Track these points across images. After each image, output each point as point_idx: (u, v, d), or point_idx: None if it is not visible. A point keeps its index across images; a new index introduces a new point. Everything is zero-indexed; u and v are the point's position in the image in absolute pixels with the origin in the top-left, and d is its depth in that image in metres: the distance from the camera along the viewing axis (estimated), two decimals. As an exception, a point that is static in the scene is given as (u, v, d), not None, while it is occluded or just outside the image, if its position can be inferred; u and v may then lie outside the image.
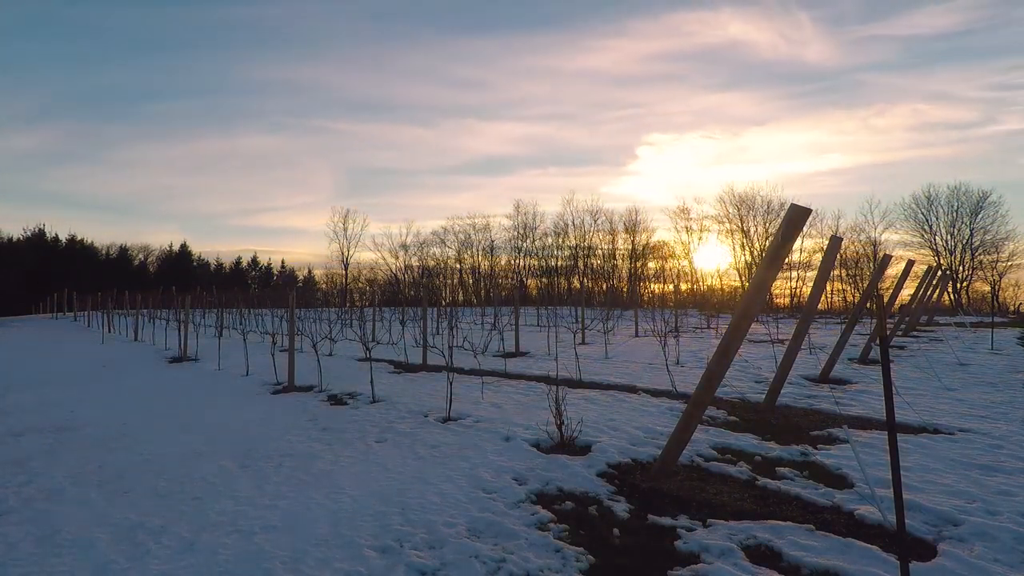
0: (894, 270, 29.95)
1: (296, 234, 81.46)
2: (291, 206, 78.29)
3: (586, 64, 57.41)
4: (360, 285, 54.43)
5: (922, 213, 42.18)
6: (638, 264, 49.19)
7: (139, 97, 72.15)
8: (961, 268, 41.36)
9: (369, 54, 61.31)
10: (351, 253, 57.58)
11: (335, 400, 7.51)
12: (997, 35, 50.39)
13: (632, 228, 48.95)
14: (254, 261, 75.03)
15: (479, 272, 53.89)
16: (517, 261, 52.91)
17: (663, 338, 9.42)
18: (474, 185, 69.23)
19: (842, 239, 7.14)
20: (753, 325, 6.39)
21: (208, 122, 71.11)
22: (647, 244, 48.91)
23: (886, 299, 12.38)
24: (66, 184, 78.51)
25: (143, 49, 67.54)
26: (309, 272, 71.90)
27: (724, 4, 51.23)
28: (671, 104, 61.23)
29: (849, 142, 58.13)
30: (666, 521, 3.54)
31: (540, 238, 52.16)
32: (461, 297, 52.21)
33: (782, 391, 6.85)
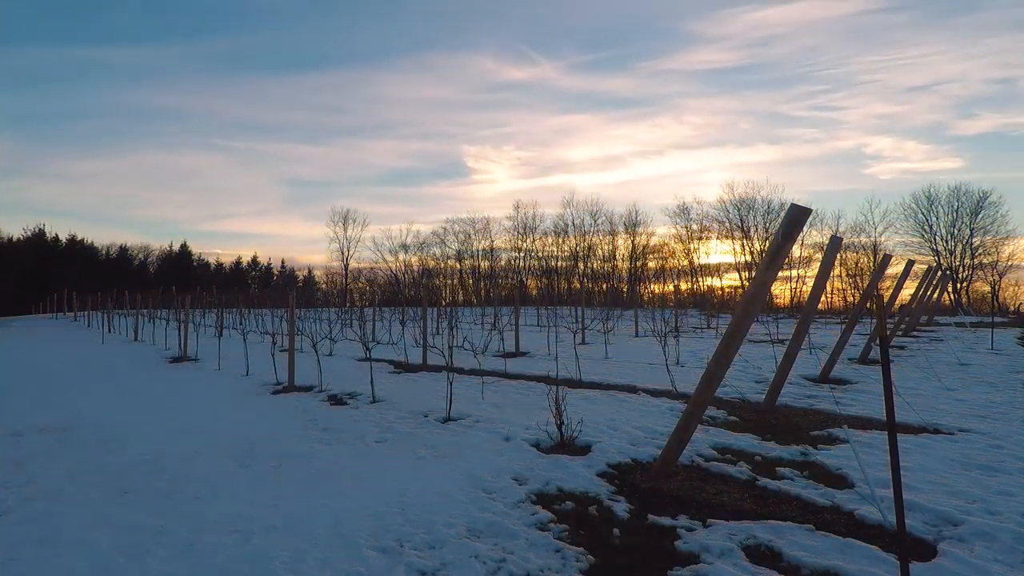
0: (894, 270, 29.95)
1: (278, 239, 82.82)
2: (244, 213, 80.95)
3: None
4: (360, 285, 54.47)
5: (922, 213, 42.21)
6: (638, 264, 49.22)
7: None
8: (961, 268, 41.36)
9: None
10: (350, 253, 57.63)
11: (335, 400, 7.51)
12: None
13: (632, 228, 49.00)
14: (254, 261, 75.09)
15: (479, 272, 53.91)
16: (517, 261, 52.95)
17: (663, 338, 9.42)
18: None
19: (842, 239, 7.14)
20: (753, 325, 6.38)
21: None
22: (647, 244, 48.98)
23: (886, 299, 12.37)
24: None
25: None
26: (309, 272, 71.99)
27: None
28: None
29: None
30: (666, 521, 3.54)
31: (540, 238, 52.26)
32: (461, 297, 52.23)
33: (782, 391, 6.85)
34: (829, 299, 42.38)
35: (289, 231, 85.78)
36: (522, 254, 52.57)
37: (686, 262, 47.76)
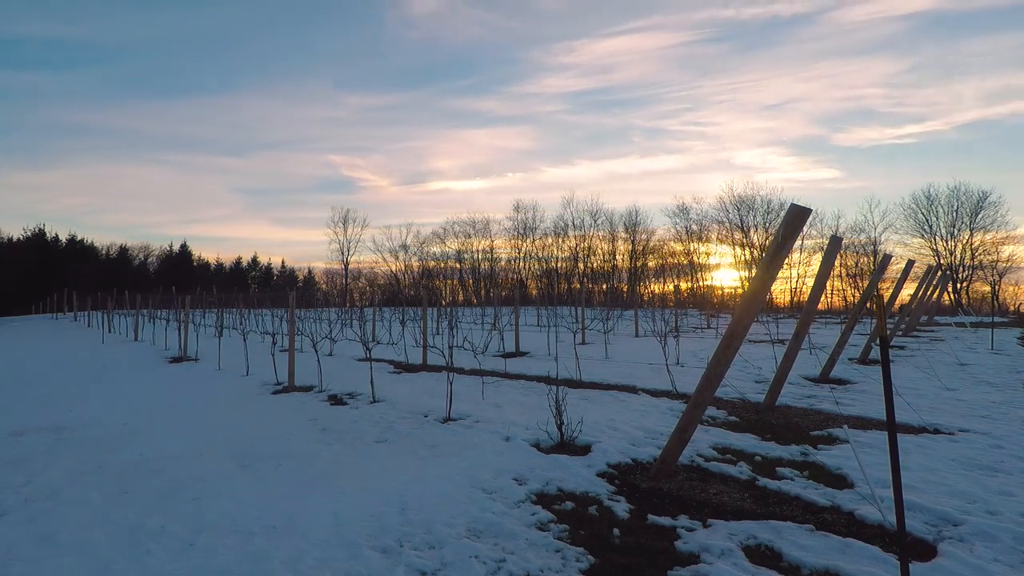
0: (894, 270, 29.95)
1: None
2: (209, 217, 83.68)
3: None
4: (360, 285, 54.48)
5: (922, 213, 42.24)
6: (638, 264, 49.22)
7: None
8: (961, 268, 41.37)
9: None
10: (350, 253, 57.64)
11: (335, 400, 7.50)
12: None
13: (632, 228, 49.01)
14: (254, 261, 75.10)
15: (479, 272, 53.93)
16: (517, 261, 52.97)
17: (663, 338, 9.42)
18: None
19: (842, 239, 7.14)
20: (753, 325, 6.39)
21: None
22: (647, 244, 48.99)
23: (886, 299, 12.36)
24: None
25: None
26: (309, 272, 72.02)
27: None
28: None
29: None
30: (666, 521, 3.54)
31: (540, 238, 52.29)
32: (461, 297, 52.26)
33: (782, 391, 6.85)
34: (829, 299, 42.41)
35: (255, 234, 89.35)
36: (522, 254, 52.62)
37: (686, 262, 47.78)
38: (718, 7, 55.01)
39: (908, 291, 18.60)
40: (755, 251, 44.61)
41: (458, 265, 54.30)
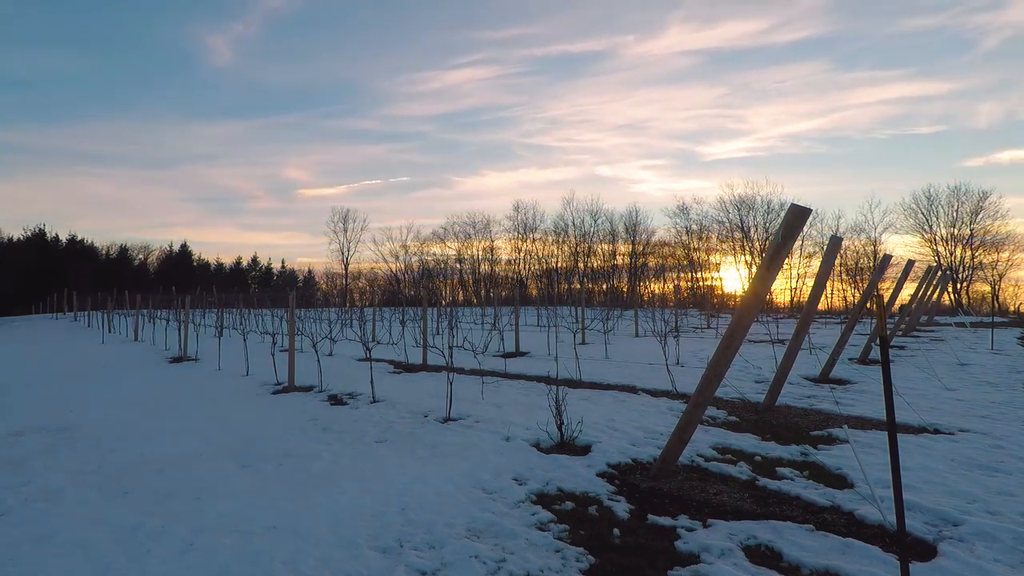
0: (894, 270, 29.96)
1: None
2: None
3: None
4: (360, 285, 54.49)
5: (922, 213, 42.26)
6: (638, 264, 49.23)
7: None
8: (961, 268, 41.38)
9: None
10: (350, 253, 57.65)
11: (335, 400, 7.50)
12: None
13: (632, 228, 49.02)
14: (254, 261, 75.10)
15: (479, 272, 53.95)
16: (517, 261, 52.98)
17: (663, 338, 9.42)
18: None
19: (842, 239, 7.14)
20: (753, 325, 6.39)
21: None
22: (647, 244, 48.99)
23: (886, 299, 12.36)
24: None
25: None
26: (309, 272, 72.04)
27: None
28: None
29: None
30: (666, 521, 3.54)
31: (540, 238, 52.31)
32: (461, 297, 52.27)
33: (782, 391, 6.85)
34: (829, 299, 42.42)
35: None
36: (522, 254, 52.63)
37: (686, 262, 47.78)
38: (532, 47, 64.49)
39: (908, 291, 18.61)
40: (755, 251, 44.61)
41: (458, 265, 54.36)
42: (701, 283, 45.43)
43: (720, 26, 59.93)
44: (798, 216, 3.77)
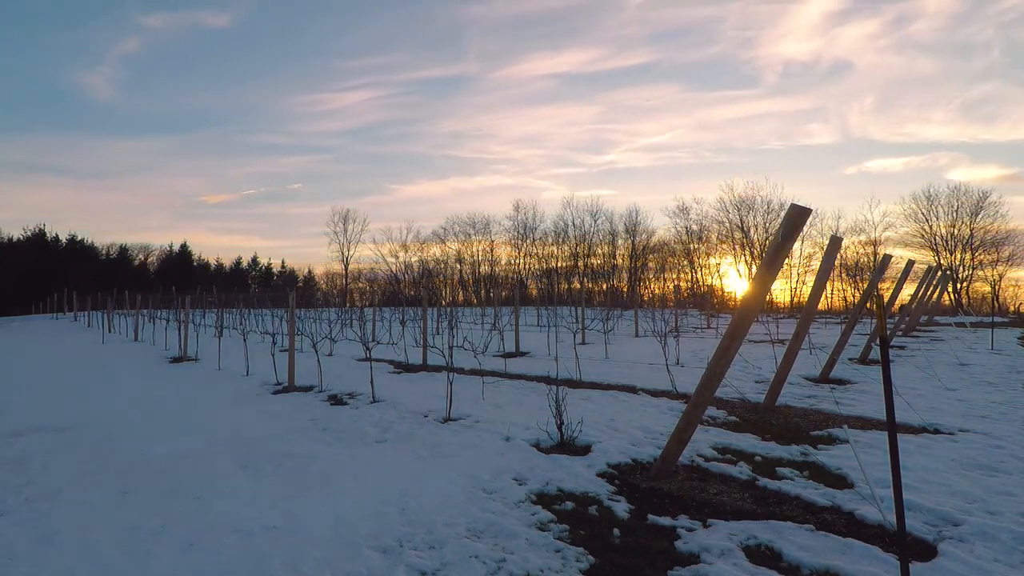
0: (894, 270, 29.95)
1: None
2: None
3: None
4: (360, 285, 54.49)
5: (922, 213, 42.26)
6: (638, 264, 49.22)
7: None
8: (961, 268, 41.38)
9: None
10: (350, 253, 57.64)
11: (335, 400, 7.51)
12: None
13: (632, 228, 49.02)
14: (254, 261, 75.12)
15: (479, 272, 53.96)
16: (517, 261, 52.99)
17: (663, 338, 9.42)
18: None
19: (842, 239, 7.14)
20: (753, 325, 6.40)
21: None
22: (647, 244, 48.98)
23: (886, 299, 12.38)
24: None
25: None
26: (309, 272, 72.07)
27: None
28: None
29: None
30: (666, 521, 3.54)
31: (540, 238, 52.31)
32: (461, 297, 52.28)
33: (782, 391, 6.85)
34: (829, 299, 42.42)
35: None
36: (522, 254, 52.63)
37: (686, 262, 47.78)
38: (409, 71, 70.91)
39: (908, 291, 18.61)
40: (755, 251, 44.60)
41: (458, 265, 54.36)
42: (701, 283, 45.47)
43: (565, 54, 67.71)
44: (798, 216, 3.77)
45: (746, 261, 45.28)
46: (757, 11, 61.07)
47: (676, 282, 44.56)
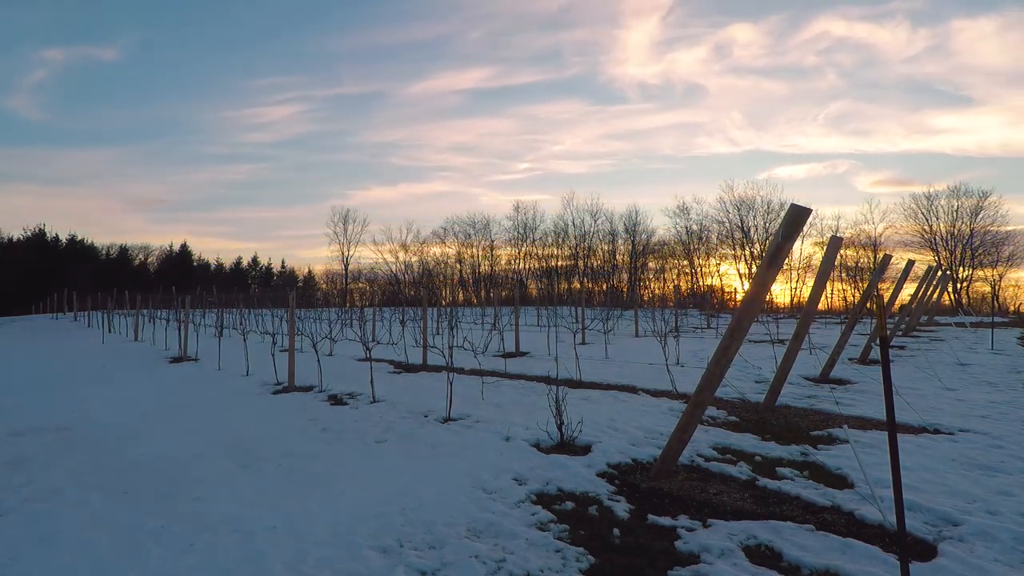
0: (894, 270, 29.95)
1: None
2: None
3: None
4: (360, 285, 54.49)
5: (922, 213, 42.25)
6: (638, 264, 49.20)
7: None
8: (961, 268, 41.37)
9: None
10: (350, 253, 57.62)
11: (335, 400, 7.51)
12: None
13: (632, 228, 49.00)
14: (254, 261, 75.12)
15: (479, 272, 53.94)
16: (517, 261, 52.98)
17: (663, 338, 9.42)
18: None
19: (842, 239, 7.14)
20: (753, 325, 6.39)
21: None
22: (647, 244, 48.96)
23: (886, 299, 12.38)
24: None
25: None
26: (309, 272, 72.10)
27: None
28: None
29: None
30: (666, 521, 3.54)
31: (540, 238, 52.30)
32: (461, 297, 52.25)
33: (782, 391, 6.85)
34: (829, 299, 42.42)
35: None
36: (522, 254, 52.62)
37: (686, 262, 47.77)
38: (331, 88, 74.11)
39: (908, 291, 18.61)
40: (755, 251, 44.60)
41: (458, 265, 54.35)
42: (701, 283, 45.47)
43: (467, 72, 71.75)
44: (798, 216, 3.77)
45: (746, 261, 45.29)
46: (585, 38, 68.07)
47: (676, 282, 44.59)
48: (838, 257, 16.12)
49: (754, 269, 41.78)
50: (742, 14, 65.15)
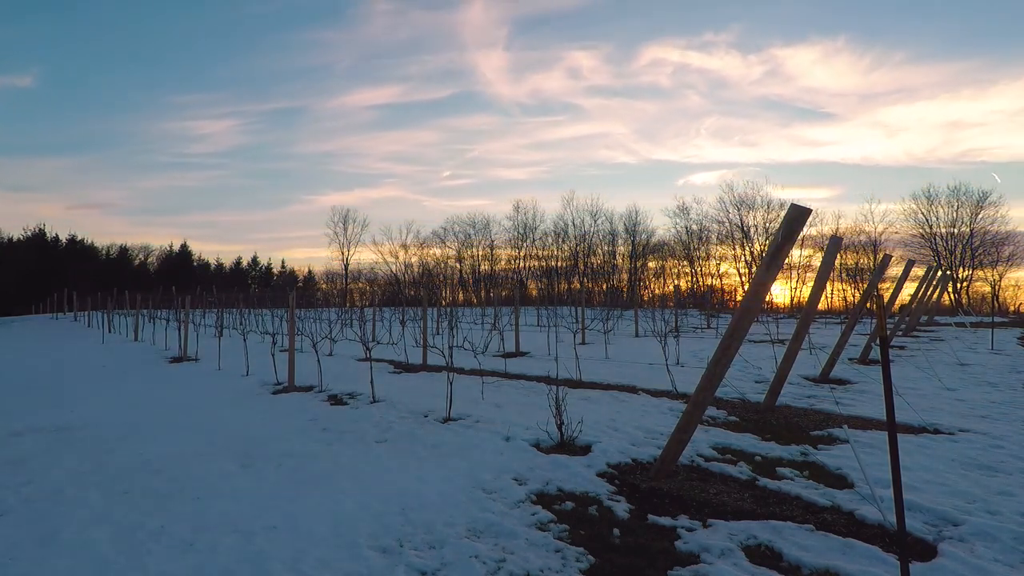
0: (894, 270, 29.95)
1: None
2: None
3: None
4: (360, 285, 54.49)
5: (922, 213, 42.24)
6: (638, 263, 49.19)
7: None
8: (961, 268, 41.37)
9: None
10: (350, 253, 57.61)
11: (335, 400, 7.51)
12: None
13: (632, 228, 48.99)
14: (254, 261, 75.11)
15: (479, 272, 53.93)
16: (517, 261, 52.96)
17: (663, 338, 9.42)
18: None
19: (842, 239, 7.15)
20: (753, 325, 6.39)
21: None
22: (647, 244, 48.94)
23: (886, 299, 12.38)
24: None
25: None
26: (309, 272, 72.10)
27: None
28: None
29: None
30: (666, 521, 3.54)
31: (540, 238, 52.28)
32: (461, 297, 52.23)
33: (782, 391, 6.85)
34: (829, 299, 42.41)
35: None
36: (522, 254, 52.61)
37: (686, 262, 47.76)
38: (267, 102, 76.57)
39: (908, 291, 18.60)
40: (755, 251, 44.59)
41: (458, 265, 54.34)
42: (701, 283, 45.46)
43: (379, 88, 73.99)
44: (798, 216, 3.77)
45: (746, 261, 45.29)
46: (451, 61, 70.80)
47: (676, 282, 44.57)
48: (838, 257, 16.10)
49: (754, 269, 41.78)
50: (572, 43, 68.70)
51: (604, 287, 47.25)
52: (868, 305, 11.10)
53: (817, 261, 38.81)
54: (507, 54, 69.62)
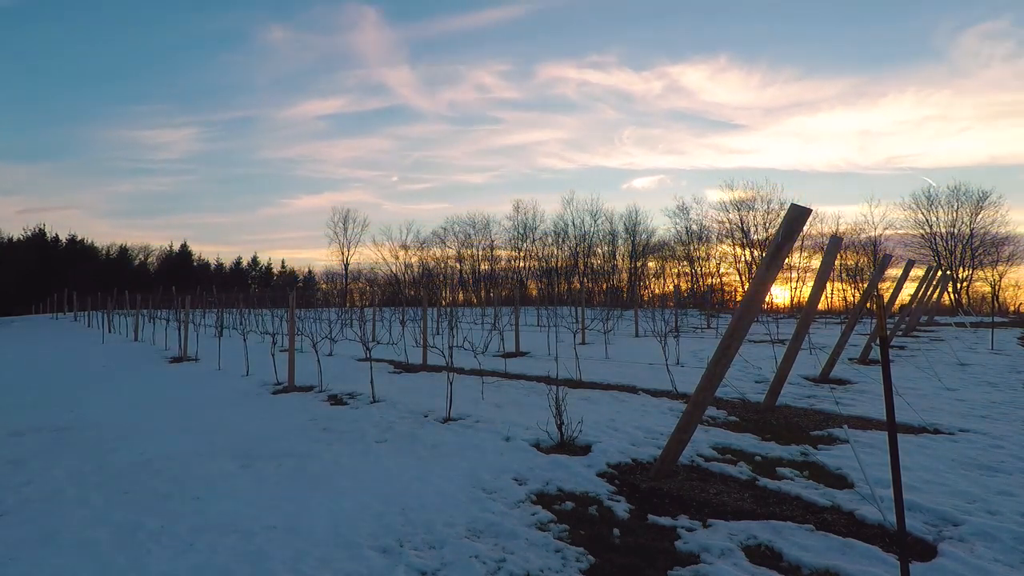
0: (894, 270, 29.95)
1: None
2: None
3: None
4: (360, 285, 54.49)
5: (922, 213, 42.25)
6: (638, 264, 49.19)
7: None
8: (961, 268, 41.37)
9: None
10: (350, 253, 57.62)
11: (335, 400, 7.51)
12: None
13: (632, 228, 48.99)
14: (254, 261, 75.13)
15: (479, 272, 53.93)
16: (517, 261, 52.97)
17: (663, 338, 9.42)
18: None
19: (842, 239, 7.15)
20: (753, 325, 6.39)
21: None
22: (647, 244, 48.95)
23: (886, 299, 12.37)
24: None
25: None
26: (309, 272, 72.12)
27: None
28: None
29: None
30: (666, 521, 3.54)
31: (540, 238, 52.28)
32: (461, 297, 52.22)
33: (782, 391, 6.85)
34: (829, 299, 42.42)
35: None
36: (522, 254, 52.61)
37: (686, 262, 47.76)
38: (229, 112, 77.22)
39: (908, 291, 18.60)
40: (755, 251, 44.59)
41: (458, 265, 54.35)
42: (701, 283, 45.46)
43: (331, 99, 74.91)
44: (798, 216, 3.77)
45: (746, 261, 45.29)
46: (369, 76, 72.33)
47: (676, 282, 44.57)
48: (838, 257, 16.07)
49: (754, 269, 41.77)
50: (471, 63, 71.28)
51: (604, 287, 47.26)
52: (868, 305, 11.11)
53: (816, 262, 38.83)
54: (413, 72, 72.48)
